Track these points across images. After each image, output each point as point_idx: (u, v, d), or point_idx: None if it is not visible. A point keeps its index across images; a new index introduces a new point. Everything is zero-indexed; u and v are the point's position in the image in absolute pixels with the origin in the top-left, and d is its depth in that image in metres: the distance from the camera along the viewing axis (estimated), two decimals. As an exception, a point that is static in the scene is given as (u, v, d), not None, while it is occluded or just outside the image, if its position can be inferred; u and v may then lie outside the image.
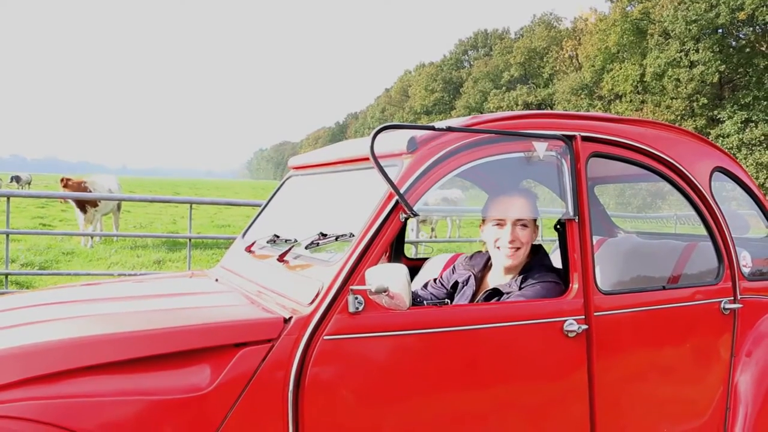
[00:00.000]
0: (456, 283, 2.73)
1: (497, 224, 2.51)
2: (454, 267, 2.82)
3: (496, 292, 2.47)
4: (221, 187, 63.18)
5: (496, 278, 2.60)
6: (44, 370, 1.74)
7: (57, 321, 2.10)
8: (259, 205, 3.25)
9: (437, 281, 2.82)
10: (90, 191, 12.38)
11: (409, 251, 8.52)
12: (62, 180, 12.35)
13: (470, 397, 2.14)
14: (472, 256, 2.77)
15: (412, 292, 2.76)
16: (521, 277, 2.47)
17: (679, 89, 35.88)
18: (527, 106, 51.03)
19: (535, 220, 2.52)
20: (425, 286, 2.85)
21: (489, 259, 2.67)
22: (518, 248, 2.48)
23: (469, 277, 2.68)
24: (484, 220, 2.58)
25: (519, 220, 2.47)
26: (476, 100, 58.36)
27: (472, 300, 2.60)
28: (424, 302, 2.23)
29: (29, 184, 36.94)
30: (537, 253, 2.58)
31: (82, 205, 12.13)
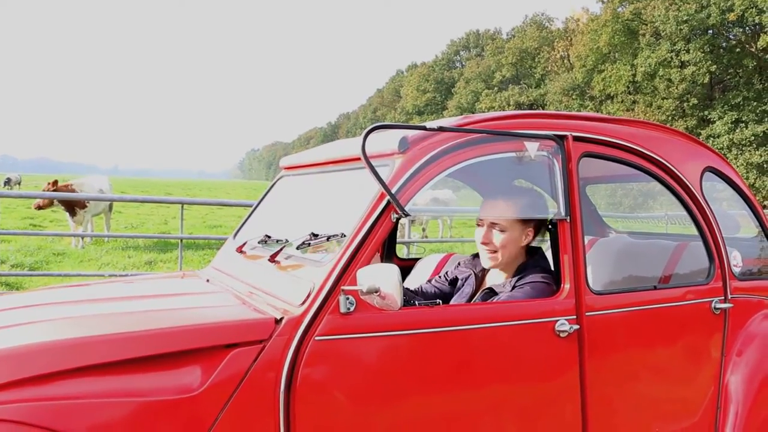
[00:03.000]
0: (456, 280, 2.74)
1: (479, 224, 2.53)
2: (459, 263, 2.83)
3: (492, 292, 2.47)
4: (213, 188, 63.00)
5: (493, 278, 2.61)
6: (34, 371, 1.72)
7: (47, 322, 2.09)
8: (251, 206, 3.24)
9: (442, 276, 2.84)
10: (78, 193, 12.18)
11: (401, 251, 8.51)
12: (47, 185, 11.78)
13: (462, 397, 2.14)
14: (475, 255, 2.77)
15: (411, 290, 2.77)
16: (515, 277, 2.46)
17: (670, 89, 36.02)
18: (519, 106, 51.13)
19: (523, 222, 2.48)
20: (429, 281, 2.88)
21: None
22: (495, 251, 2.48)
23: (470, 275, 2.69)
24: None
25: (493, 223, 2.47)
26: (468, 101, 58.43)
27: (471, 298, 2.61)
28: (416, 303, 2.23)
29: (19, 184, 36.74)
30: (534, 254, 2.57)
31: (71, 207, 11.96)
